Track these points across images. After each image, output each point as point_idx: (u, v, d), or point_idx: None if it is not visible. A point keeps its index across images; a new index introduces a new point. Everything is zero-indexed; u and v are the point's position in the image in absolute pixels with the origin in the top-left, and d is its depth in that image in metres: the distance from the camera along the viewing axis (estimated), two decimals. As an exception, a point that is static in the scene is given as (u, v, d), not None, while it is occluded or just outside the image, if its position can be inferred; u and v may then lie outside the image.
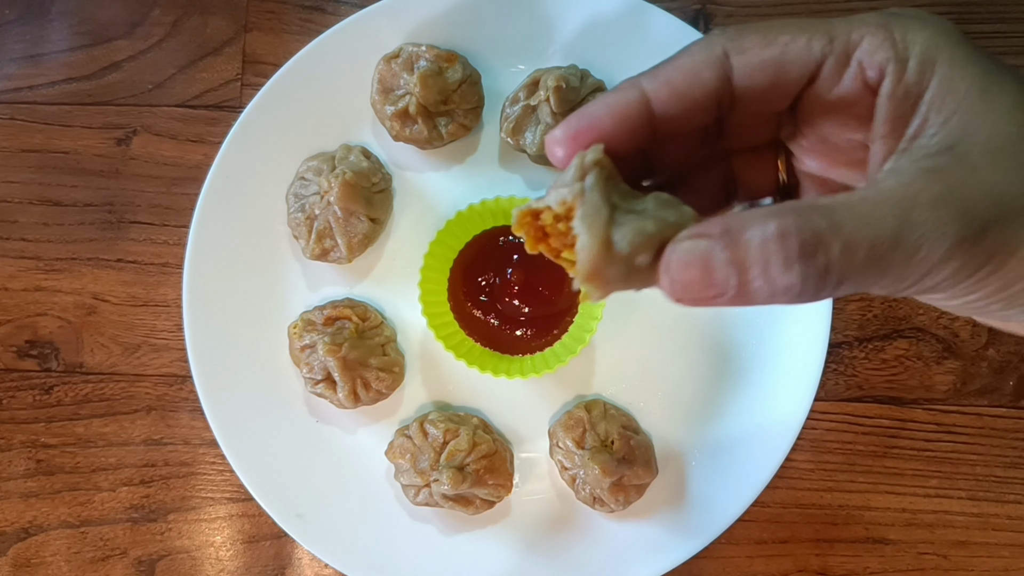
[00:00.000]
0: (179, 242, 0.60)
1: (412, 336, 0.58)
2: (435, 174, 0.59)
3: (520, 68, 0.58)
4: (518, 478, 0.57)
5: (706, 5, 0.60)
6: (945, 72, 0.23)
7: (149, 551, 0.59)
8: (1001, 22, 0.60)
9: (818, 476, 0.58)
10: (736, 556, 0.58)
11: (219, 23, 0.62)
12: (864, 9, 0.59)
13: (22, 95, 0.62)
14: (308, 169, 0.57)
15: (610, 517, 0.56)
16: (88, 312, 0.60)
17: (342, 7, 0.61)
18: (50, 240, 0.61)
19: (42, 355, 0.60)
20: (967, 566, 0.58)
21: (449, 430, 0.54)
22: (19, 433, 0.60)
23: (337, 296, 0.58)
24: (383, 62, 0.56)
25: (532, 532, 0.57)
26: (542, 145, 0.55)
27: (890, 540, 0.58)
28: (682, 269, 0.23)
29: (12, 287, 0.61)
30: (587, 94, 0.55)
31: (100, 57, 0.62)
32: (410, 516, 0.57)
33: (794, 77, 0.25)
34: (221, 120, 0.61)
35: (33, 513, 0.59)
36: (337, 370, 0.54)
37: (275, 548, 0.59)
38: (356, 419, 0.58)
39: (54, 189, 0.61)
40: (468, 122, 0.56)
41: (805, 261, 0.22)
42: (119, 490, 0.59)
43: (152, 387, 0.60)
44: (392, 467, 0.56)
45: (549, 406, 0.58)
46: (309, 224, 0.56)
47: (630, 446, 0.54)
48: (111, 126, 0.61)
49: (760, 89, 0.25)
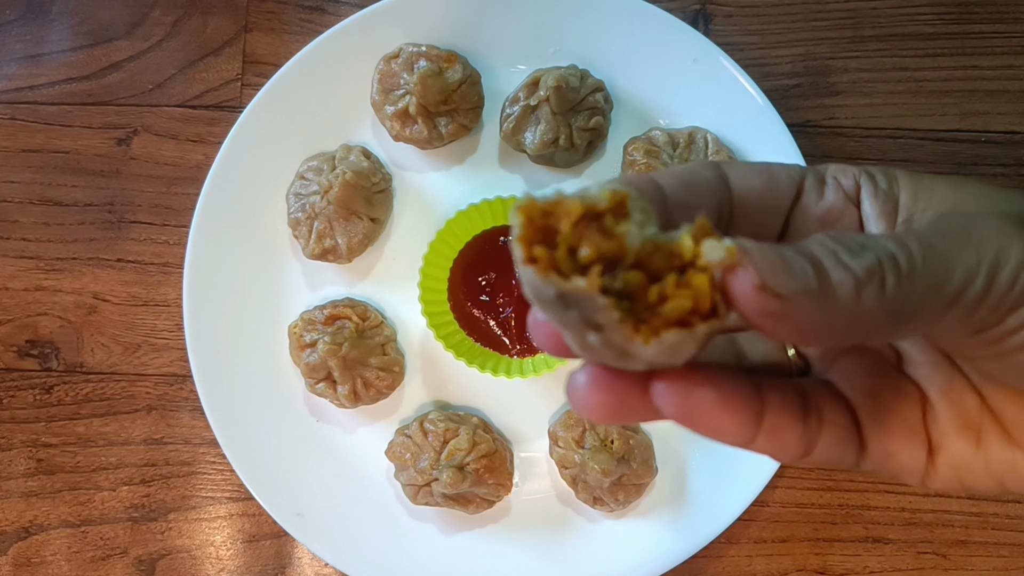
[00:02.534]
0: (179, 242, 0.60)
1: (412, 336, 0.58)
2: (435, 174, 0.59)
3: (520, 68, 0.58)
4: (518, 477, 0.57)
5: (706, 5, 0.60)
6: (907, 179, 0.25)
7: (149, 550, 0.59)
8: (1001, 22, 0.60)
9: (817, 475, 0.58)
10: (736, 555, 0.58)
11: (219, 23, 0.62)
12: (866, 11, 0.60)
13: (23, 95, 0.62)
14: (308, 169, 0.57)
15: (610, 516, 0.56)
16: (88, 312, 0.60)
17: (342, 7, 0.61)
18: (50, 240, 0.61)
19: (42, 355, 0.60)
20: (967, 565, 0.58)
21: (449, 429, 0.54)
22: (19, 432, 0.60)
23: (337, 296, 0.58)
24: (383, 62, 0.56)
25: (532, 531, 0.57)
26: (542, 145, 0.55)
27: (889, 539, 0.58)
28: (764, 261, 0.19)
29: (12, 287, 0.61)
30: (587, 94, 0.55)
31: (100, 57, 0.62)
32: (410, 515, 0.57)
33: (783, 185, 0.26)
34: (221, 120, 0.61)
35: (33, 512, 0.59)
36: (337, 369, 0.54)
37: (275, 547, 0.59)
38: (356, 418, 0.58)
39: (54, 189, 0.61)
40: (468, 122, 0.56)
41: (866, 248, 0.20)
42: (119, 489, 0.59)
43: (152, 387, 0.60)
44: (392, 466, 0.56)
45: (549, 406, 0.58)
46: (309, 224, 0.56)
47: (630, 445, 0.54)
48: (111, 126, 0.61)
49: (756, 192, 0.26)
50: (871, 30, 0.60)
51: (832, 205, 0.26)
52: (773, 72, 0.60)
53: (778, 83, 0.60)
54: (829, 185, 0.26)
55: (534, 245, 0.19)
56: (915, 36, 0.60)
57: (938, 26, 0.60)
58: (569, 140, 0.55)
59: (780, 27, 0.60)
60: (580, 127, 0.55)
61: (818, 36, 0.60)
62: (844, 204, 0.26)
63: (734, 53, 0.56)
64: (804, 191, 0.26)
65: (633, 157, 0.55)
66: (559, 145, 0.55)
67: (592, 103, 0.56)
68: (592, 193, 0.19)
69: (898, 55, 0.60)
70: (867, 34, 0.60)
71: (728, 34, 0.60)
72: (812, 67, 0.60)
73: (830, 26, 0.60)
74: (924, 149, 0.59)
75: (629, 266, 0.19)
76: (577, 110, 0.56)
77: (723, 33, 0.60)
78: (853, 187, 0.26)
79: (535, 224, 0.19)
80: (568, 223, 0.19)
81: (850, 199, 0.26)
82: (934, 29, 0.60)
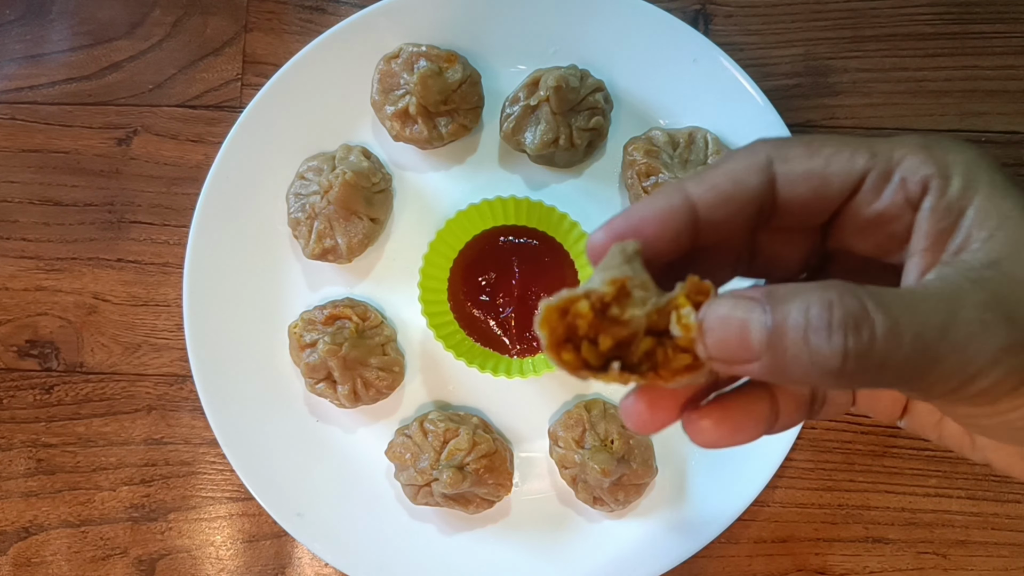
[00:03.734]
0: (179, 242, 0.60)
1: (412, 336, 0.58)
2: (435, 174, 0.59)
3: (520, 68, 0.58)
4: (518, 477, 0.57)
5: (706, 5, 0.60)
6: (987, 192, 0.23)
7: (149, 550, 0.59)
8: (1001, 22, 0.60)
9: (817, 475, 0.58)
10: (736, 555, 0.58)
11: (219, 23, 0.62)
12: (866, 11, 0.60)
13: (23, 95, 0.62)
14: (308, 169, 0.57)
15: (610, 516, 0.56)
16: (88, 312, 0.60)
17: (342, 7, 0.61)
18: (50, 240, 0.61)
19: (43, 355, 0.60)
20: (967, 565, 0.58)
21: (449, 429, 0.54)
22: (20, 432, 0.60)
23: (337, 296, 0.58)
24: (383, 62, 0.56)
25: (532, 531, 0.57)
26: (542, 145, 0.55)
27: (889, 539, 0.58)
28: (719, 326, 0.22)
29: (12, 287, 0.61)
30: (587, 94, 0.55)
31: (100, 57, 0.62)
32: (410, 515, 0.57)
33: (836, 189, 0.25)
34: (221, 120, 0.61)
35: (34, 512, 0.60)
36: (337, 369, 0.54)
37: (275, 547, 0.59)
38: (356, 418, 0.58)
39: (54, 189, 0.61)
40: (468, 122, 0.56)
41: (849, 333, 0.21)
42: (119, 489, 0.59)
43: (152, 387, 0.60)
44: (392, 466, 0.56)
45: (549, 406, 0.58)
46: (309, 224, 0.56)
47: (630, 445, 0.54)
48: (111, 126, 0.61)
49: (802, 199, 0.25)
50: (871, 30, 0.60)
51: (886, 209, 0.25)
52: (773, 72, 0.60)
53: (778, 83, 0.60)
54: (892, 184, 0.24)
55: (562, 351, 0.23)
56: (915, 36, 0.60)
57: (938, 26, 0.60)
58: (569, 140, 0.55)
59: (780, 27, 0.60)
60: (580, 127, 0.55)
61: (818, 36, 0.60)
62: (901, 209, 0.25)
63: (734, 53, 0.56)
64: (861, 191, 0.25)
65: (633, 157, 0.55)
66: (559, 145, 0.55)
67: (592, 103, 0.56)
68: (597, 289, 0.23)
69: (898, 55, 0.60)
70: (867, 34, 0.60)
71: (728, 34, 0.60)
72: (812, 67, 0.60)
73: (830, 26, 0.60)
74: (924, 149, 0.59)
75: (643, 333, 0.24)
76: (577, 110, 0.56)
77: (723, 33, 0.60)
78: (919, 190, 0.24)
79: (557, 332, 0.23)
80: (584, 324, 0.23)
81: (910, 203, 0.24)
82: (934, 29, 0.60)
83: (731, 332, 0.22)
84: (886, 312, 0.21)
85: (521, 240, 0.56)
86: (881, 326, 0.21)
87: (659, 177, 0.54)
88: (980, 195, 0.23)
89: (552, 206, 0.54)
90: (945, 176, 0.24)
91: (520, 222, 0.56)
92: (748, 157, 0.25)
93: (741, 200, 0.25)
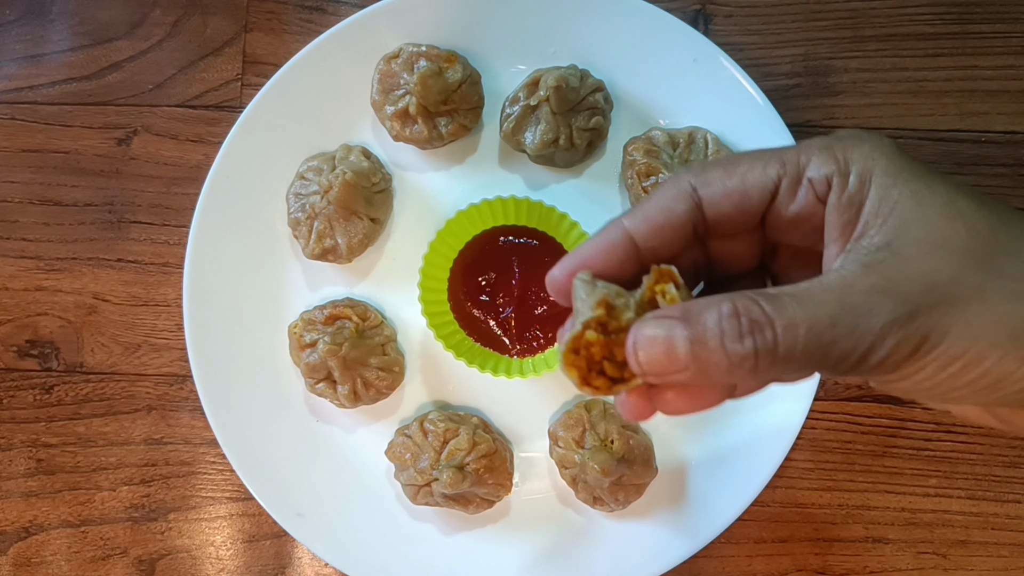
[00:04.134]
0: (179, 242, 0.60)
1: (412, 336, 0.58)
2: (435, 174, 0.59)
3: (520, 68, 0.58)
4: (518, 477, 0.57)
5: (706, 5, 0.60)
6: (881, 181, 0.26)
7: (149, 550, 0.59)
8: (1001, 22, 0.60)
9: (817, 476, 0.58)
10: (736, 555, 0.58)
11: (219, 23, 0.62)
12: (866, 11, 0.60)
13: (23, 95, 0.62)
14: (308, 169, 0.57)
15: (610, 516, 0.56)
16: (88, 312, 0.60)
17: (342, 7, 0.61)
18: (50, 240, 0.61)
19: (42, 355, 0.60)
20: (966, 565, 0.58)
21: (449, 429, 0.54)
22: (20, 432, 0.60)
23: (337, 296, 0.58)
24: (383, 62, 0.56)
25: (532, 531, 0.57)
26: (542, 145, 0.55)
27: (889, 539, 0.58)
28: (647, 346, 0.26)
29: (12, 287, 0.61)
30: (587, 94, 0.55)
31: (100, 57, 0.62)
32: (410, 515, 0.57)
33: (756, 200, 0.28)
34: (221, 120, 0.61)
35: (34, 512, 0.60)
36: (337, 369, 0.54)
37: (275, 547, 0.59)
38: (356, 418, 0.58)
39: (54, 189, 0.61)
40: (468, 122, 0.56)
41: (754, 335, 0.25)
42: (119, 489, 0.59)
43: (152, 387, 0.60)
44: (392, 466, 0.56)
45: (549, 406, 0.58)
46: (309, 224, 0.56)
47: (630, 445, 0.54)
48: (111, 126, 0.61)
49: (729, 214, 0.29)
50: (871, 30, 0.60)
51: (801, 210, 0.28)
52: (773, 72, 0.60)
53: (778, 83, 0.60)
54: (803, 187, 0.28)
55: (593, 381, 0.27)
56: (915, 36, 0.60)
57: (938, 26, 0.60)
58: (569, 140, 0.55)
59: (780, 27, 0.60)
60: (580, 127, 0.55)
61: (818, 36, 0.60)
62: (814, 207, 0.28)
63: (734, 53, 0.56)
64: (778, 196, 0.28)
65: (633, 157, 0.55)
66: (559, 145, 0.55)
67: (592, 103, 0.56)
68: (591, 317, 0.27)
69: (898, 55, 0.60)
70: (867, 34, 0.60)
71: (728, 34, 0.60)
72: (812, 67, 0.60)
73: (830, 26, 0.60)
74: (924, 149, 0.59)
75: None
76: (577, 110, 0.56)
77: (723, 33, 0.60)
78: (825, 188, 0.27)
79: (582, 368, 0.27)
80: (597, 350, 0.27)
81: (821, 200, 0.28)
82: (934, 29, 0.60)
83: (658, 350, 0.25)
84: (781, 313, 0.25)
85: (521, 240, 0.56)
86: (779, 325, 0.25)
87: (659, 177, 0.54)
88: (875, 185, 0.26)
89: (552, 206, 0.54)
90: (844, 172, 0.27)
91: (520, 222, 0.56)
92: (674, 187, 0.29)
93: (673, 226, 0.29)
